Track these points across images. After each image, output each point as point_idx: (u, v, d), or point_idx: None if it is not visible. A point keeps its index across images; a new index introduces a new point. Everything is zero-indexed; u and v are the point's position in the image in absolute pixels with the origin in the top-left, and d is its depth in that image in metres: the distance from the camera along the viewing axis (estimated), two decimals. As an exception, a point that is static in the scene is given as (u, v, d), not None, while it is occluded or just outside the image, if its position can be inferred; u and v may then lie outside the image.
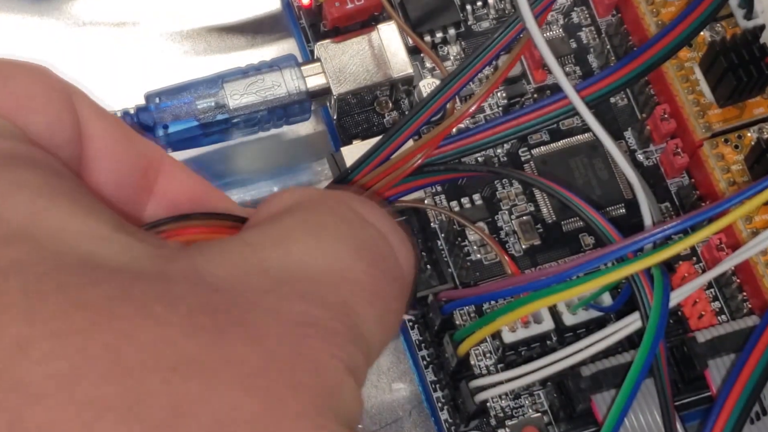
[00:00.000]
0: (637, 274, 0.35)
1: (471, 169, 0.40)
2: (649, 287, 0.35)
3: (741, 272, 0.42)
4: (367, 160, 0.35)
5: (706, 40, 0.43)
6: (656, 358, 0.36)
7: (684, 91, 0.42)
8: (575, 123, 0.44)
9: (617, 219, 0.43)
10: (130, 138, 0.27)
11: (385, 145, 0.34)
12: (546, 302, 0.36)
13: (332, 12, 0.43)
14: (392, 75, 0.43)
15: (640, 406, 0.38)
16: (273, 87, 0.42)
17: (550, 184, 0.38)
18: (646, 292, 0.35)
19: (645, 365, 0.35)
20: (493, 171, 0.42)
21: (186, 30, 0.47)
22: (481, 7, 0.46)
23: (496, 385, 0.39)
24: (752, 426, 0.38)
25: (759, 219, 0.41)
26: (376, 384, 0.43)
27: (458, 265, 0.42)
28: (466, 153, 0.37)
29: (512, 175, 0.42)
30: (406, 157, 0.34)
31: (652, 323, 0.35)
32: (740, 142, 0.42)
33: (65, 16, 0.47)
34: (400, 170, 0.35)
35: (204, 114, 0.41)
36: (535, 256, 0.43)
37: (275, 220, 0.24)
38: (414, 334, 0.42)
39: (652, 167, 0.44)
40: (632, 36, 0.44)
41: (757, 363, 0.37)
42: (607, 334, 0.37)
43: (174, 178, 0.28)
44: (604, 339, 0.37)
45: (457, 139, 0.37)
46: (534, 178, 0.39)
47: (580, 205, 0.37)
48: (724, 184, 0.41)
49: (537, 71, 0.44)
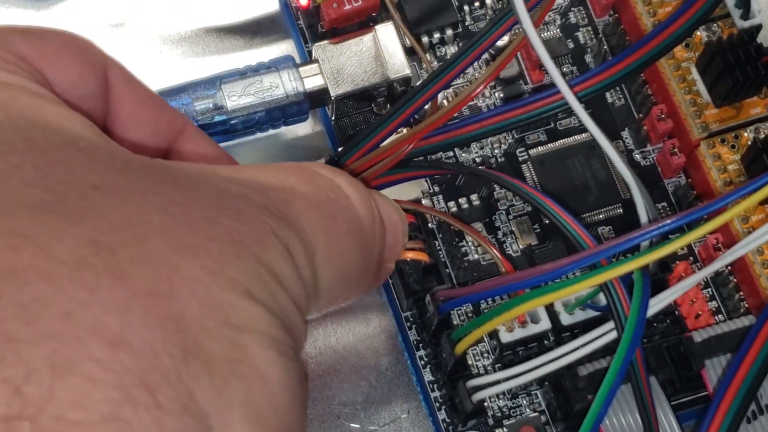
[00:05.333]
0: (611, 281, 0.35)
1: (452, 167, 0.42)
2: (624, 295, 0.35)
3: (738, 272, 0.42)
4: (356, 147, 0.35)
5: (703, 40, 0.43)
6: (633, 364, 0.36)
7: (681, 91, 0.42)
8: (572, 123, 0.44)
9: (615, 219, 0.43)
10: (158, 105, 0.29)
11: (374, 133, 0.34)
12: (542, 301, 0.36)
13: (330, 13, 0.43)
14: (390, 76, 0.43)
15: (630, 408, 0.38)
16: (271, 88, 0.42)
17: (527, 188, 0.38)
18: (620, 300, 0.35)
19: (621, 370, 0.35)
20: (473, 172, 0.43)
21: (184, 31, 0.47)
22: (478, 7, 0.46)
23: (494, 385, 0.39)
24: (748, 425, 0.38)
25: (755, 218, 0.41)
26: (374, 384, 0.43)
27: (456, 265, 0.42)
28: (457, 144, 0.37)
29: (489, 176, 0.42)
30: (394, 146, 0.34)
31: (629, 328, 0.35)
32: (737, 142, 0.42)
33: (63, 18, 0.47)
34: (388, 159, 0.35)
35: (202, 115, 0.42)
36: (533, 256, 0.43)
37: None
38: (412, 334, 0.42)
39: (649, 167, 0.44)
40: (629, 36, 0.44)
41: (754, 362, 0.37)
42: (604, 333, 0.37)
43: (197, 145, 0.30)
44: (600, 337, 0.37)
45: (447, 130, 0.37)
46: (510, 182, 0.39)
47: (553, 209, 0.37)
48: (721, 183, 0.41)
49: (534, 71, 0.45)
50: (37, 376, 0.19)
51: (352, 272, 0.28)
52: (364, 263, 0.29)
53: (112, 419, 0.19)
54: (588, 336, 0.38)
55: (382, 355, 0.43)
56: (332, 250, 0.27)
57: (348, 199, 0.29)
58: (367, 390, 0.42)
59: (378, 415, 0.42)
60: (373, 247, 0.30)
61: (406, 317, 0.42)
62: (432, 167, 0.37)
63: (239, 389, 0.21)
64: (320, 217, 0.27)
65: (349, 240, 0.28)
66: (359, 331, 0.43)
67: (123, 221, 0.22)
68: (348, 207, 0.29)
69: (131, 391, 0.20)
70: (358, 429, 0.42)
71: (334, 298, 0.28)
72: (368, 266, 0.30)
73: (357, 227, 0.29)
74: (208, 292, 0.22)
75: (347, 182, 0.29)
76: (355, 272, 0.29)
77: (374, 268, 0.30)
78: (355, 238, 0.28)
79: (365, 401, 0.42)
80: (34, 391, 0.19)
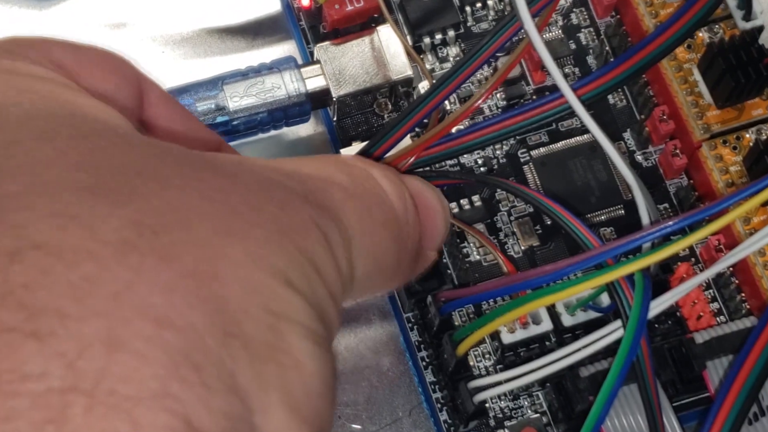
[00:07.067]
0: (617, 280, 0.35)
1: (459, 177, 0.42)
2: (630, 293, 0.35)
3: (740, 273, 0.42)
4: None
5: (705, 41, 0.43)
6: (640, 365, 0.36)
7: (683, 93, 0.42)
8: (574, 124, 0.44)
9: (616, 220, 0.43)
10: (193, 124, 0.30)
11: (377, 145, 0.34)
12: (544, 302, 0.36)
13: (332, 14, 0.43)
14: (392, 77, 0.43)
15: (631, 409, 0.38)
16: (273, 89, 0.42)
17: (538, 196, 0.38)
18: (628, 299, 0.35)
19: (621, 372, 0.35)
20: (481, 180, 0.43)
21: (185, 32, 0.47)
22: (480, 8, 0.46)
23: (495, 386, 0.39)
24: (750, 426, 0.38)
25: (757, 220, 0.41)
26: (375, 384, 0.43)
27: (457, 266, 0.42)
28: (460, 152, 0.37)
29: (498, 184, 0.42)
30: (397, 158, 0.34)
31: (630, 330, 0.35)
32: (739, 143, 0.42)
33: (65, 17, 0.47)
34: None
35: (204, 116, 0.42)
36: (534, 257, 0.43)
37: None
38: (413, 335, 0.42)
39: (650, 168, 0.44)
40: (631, 37, 0.44)
41: (755, 363, 0.37)
42: (605, 334, 0.37)
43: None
44: (602, 338, 0.37)
45: (449, 139, 0.37)
46: (517, 188, 0.39)
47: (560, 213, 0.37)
48: (723, 185, 0.41)
49: (536, 72, 0.45)
50: (89, 351, 0.20)
51: (386, 263, 0.29)
52: (398, 254, 0.29)
53: (162, 395, 0.20)
54: (590, 337, 0.38)
55: (383, 355, 0.43)
56: (368, 240, 0.27)
57: (382, 189, 0.29)
58: (368, 391, 0.42)
59: (379, 416, 0.42)
60: (406, 238, 0.30)
61: (408, 318, 0.42)
62: (439, 177, 0.37)
63: (276, 375, 0.22)
64: (356, 207, 0.27)
65: (383, 230, 0.28)
66: (361, 332, 0.43)
67: (166, 205, 0.22)
68: (382, 197, 0.29)
69: (178, 369, 0.20)
70: (359, 430, 0.42)
71: (368, 289, 0.29)
72: (402, 257, 0.30)
73: (391, 218, 0.29)
74: (250, 277, 0.22)
75: (381, 173, 0.30)
76: (390, 263, 0.29)
77: (409, 258, 0.31)
78: (389, 228, 0.29)
79: (367, 402, 0.42)
80: (88, 366, 0.19)
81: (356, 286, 0.27)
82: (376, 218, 0.28)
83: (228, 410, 0.20)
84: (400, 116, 0.34)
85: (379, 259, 0.28)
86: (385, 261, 0.28)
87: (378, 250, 0.28)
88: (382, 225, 0.28)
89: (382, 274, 0.29)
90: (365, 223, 0.27)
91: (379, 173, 0.30)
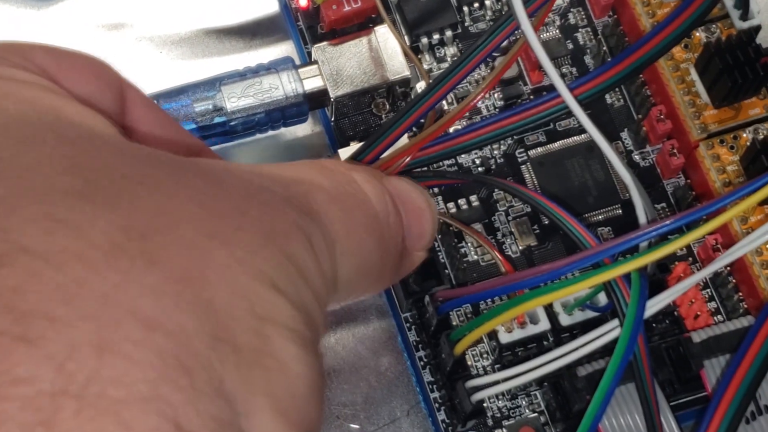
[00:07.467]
0: (614, 280, 0.35)
1: (457, 177, 0.42)
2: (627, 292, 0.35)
3: (737, 272, 0.42)
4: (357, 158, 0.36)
5: (702, 40, 0.43)
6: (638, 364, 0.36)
7: (680, 92, 0.42)
8: (572, 124, 0.44)
9: (614, 219, 0.43)
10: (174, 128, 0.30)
11: (373, 145, 0.34)
12: (541, 301, 0.36)
13: (329, 14, 0.43)
14: (389, 77, 0.43)
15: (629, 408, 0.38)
16: (270, 89, 0.42)
17: (536, 196, 0.38)
18: (625, 299, 0.35)
19: (618, 371, 0.35)
20: (478, 180, 0.43)
21: (183, 32, 0.47)
22: (477, 8, 0.46)
23: (493, 385, 0.39)
24: (747, 426, 0.38)
25: (754, 219, 0.41)
26: (373, 384, 0.43)
27: (455, 266, 0.42)
28: (458, 152, 0.37)
29: (495, 184, 0.42)
30: (393, 158, 0.34)
31: (626, 330, 0.35)
32: (736, 142, 0.42)
33: (62, 18, 0.47)
34: (389, 171, 0.35)
35: (202, 117, 0.42)
36: (532, 257, 0.43)
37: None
38: (411, 335, 0.42)
39: (648, 168, 0.44)
40: (628, 37, 0.44)
41: (752, 363, 0.37)
42: (603, 333, 0.37)
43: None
44: (599, 338, 0.37)
45: (445, 139, 0.37)
46: (514, 187, 0.39)
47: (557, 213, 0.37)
48: (720, 184, 0.42)
49: (533, 72, 0.45)
50: (78, 354, 0.20)
51: (370, 265, 0.29)
52: (381, 256, 0.29)
53: (152, 398, 0.20)
54: (587, 336, 0.38)
55: (381, 355, 0.43)
56: (351, 242, 0.27)
57: (364, 192, 0.29)
58: (366, 391, 0.43)
59: (377, 416, 0.42)
60: (389, 240, 0.30)
61: (406, 318, 0.42)
62: (436, 177, 0.37)
63: (263, 379, 0.22)
64: (339, 210, 0.27)
65: (366, 233, 0.29)
66: (359, 332, 0.43)
67: (153, 209, 0.22)
68: (364, 201, 0.29)
69: (168, 372, 0.20)
70: (357, 429, 0.42)
71: (353, 291, 0.29)
72: (386, 259, 0.30)
73: (373, 221, 0.29)
74: (237, 281, 0.22)
75: (362, 177, 0.30)
76: (374, 265, 0.29)
77: (392, 260, 0.31)
78: (371, 231, 0.29)
79: (365, 402, 0.42)
80: (78, 369, 0.19)
81: (341, 288, 0.27)
82: (359, 221, 0.28)
83: (216, 414, 0.20)
84: (397, 116, 0.34)
85: (363, 261, 0.28)
86: (369, 263, 0.29)
87: (361, 252, 0.28)
88: (364, 227, 0.29)
89: (366, 276, 0.29)
90: (348, 226, 0.27)
91: (361, 177, 0.30)
